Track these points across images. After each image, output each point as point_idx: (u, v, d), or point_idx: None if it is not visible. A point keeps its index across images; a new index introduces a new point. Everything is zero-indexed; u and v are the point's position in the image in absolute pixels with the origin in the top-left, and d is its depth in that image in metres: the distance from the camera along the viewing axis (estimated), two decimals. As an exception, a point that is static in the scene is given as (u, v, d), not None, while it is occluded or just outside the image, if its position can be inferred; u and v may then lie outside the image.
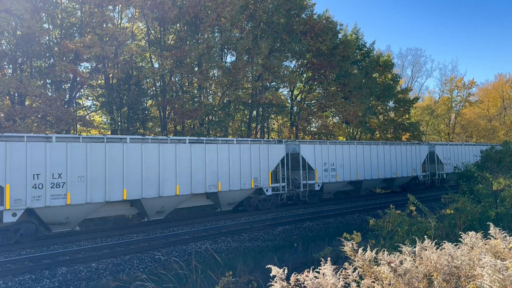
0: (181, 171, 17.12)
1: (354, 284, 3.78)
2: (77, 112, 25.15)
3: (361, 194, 27.07)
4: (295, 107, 33.60)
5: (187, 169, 17.33)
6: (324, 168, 23.24)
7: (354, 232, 6.76)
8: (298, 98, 34.78)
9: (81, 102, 27.55)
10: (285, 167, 21.58)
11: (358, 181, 25.59)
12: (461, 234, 4.99)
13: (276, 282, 3.69)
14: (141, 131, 27.19)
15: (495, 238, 4.71)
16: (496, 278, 3.42)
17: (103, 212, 15.95)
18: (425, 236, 5.41)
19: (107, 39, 22.16)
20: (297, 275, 3.79)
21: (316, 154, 22.86)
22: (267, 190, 20.56)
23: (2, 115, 19.14)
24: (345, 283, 3.72)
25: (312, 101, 34.92)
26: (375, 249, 4.26)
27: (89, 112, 27.73)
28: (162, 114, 26.22)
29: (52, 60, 21.89)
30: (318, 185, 23.04)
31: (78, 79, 22.00)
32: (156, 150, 16.47)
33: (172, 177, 16.84)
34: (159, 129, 27.34)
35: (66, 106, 21.56)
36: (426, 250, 4.38)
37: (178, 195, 17.07)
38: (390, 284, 3.86)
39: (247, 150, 19.73)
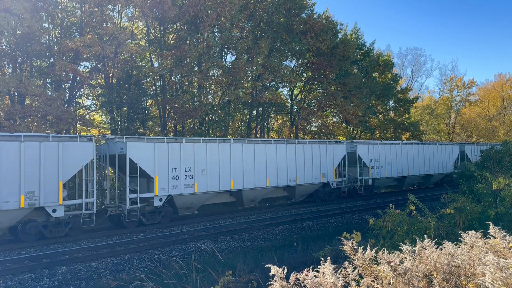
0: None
1: (353, 283, 3.78)
2: (77, 111, 25.12)
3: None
4: (295, 107, 33.60)
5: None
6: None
7: (354, 231, 6.76)
8: (298, 97, 34.78)
9: (81, 102, 27.53)
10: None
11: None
12: (461, 233, 4.99)
13: (275, 281, 3.69)
14: (141, 130, 27.18)
15: (495, 238, 4.71)
16: (499, 276, 3.42)
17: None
18: (425, 236, 5.40)
19: (107, 38, 22.14)
20: (296, 274, 3.79)
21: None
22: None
23: (1, 114, 19.12)
24: (345, 282, 3.72)
25: (312, 101, 34.91)
26: (375, 249, 4.26)
27: (89, 111, 27.70)
28: (162, 113, 26.22)
29: (52, 60, 21.88)
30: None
31: (78, 78, 21.99)
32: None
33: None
34: (159, 129, 27.33)
35: (66, 106, 21.54)
36: (426, 249, 4.38)
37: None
38: (390, 283, 3.86)
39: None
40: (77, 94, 24.90)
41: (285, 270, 3.77)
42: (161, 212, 17.25)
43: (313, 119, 34.47)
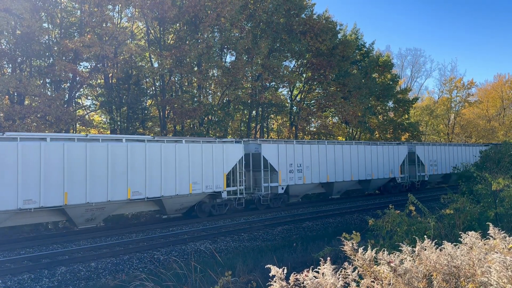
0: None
1: (353, 284, 3.78)
2: (77, 111, 25.13)
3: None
4: (295, 107, 33.61)
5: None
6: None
7: (354, 232, 6.75)
8: (298, 98, 34.79)
9: (80, 102, 27.54)
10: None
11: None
12: (460, 234, 4.99)
13: (275, 281, 3.68)
14: (141, 130, 27.19)
15: (494, 238, 4.71)
16: (505, 275, 3.42)
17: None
18: (425, 236, 5.40)
19: (107, 38, 22.14)
20: (296, 275, 3.79)
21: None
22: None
23: (1, 114, 19.11)
24: (345, 282, 3.72)
25: (312, 101, 34.92)
26: (375, 249, 4.26)
27: (88, 111, 27.70)
28: (161, 113, 26.22)
29: (51, 60, 21.87)
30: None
31: (77, 78, 21.99)
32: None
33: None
34: (159, 129, 27.34)
35: (65, 106, 21.54)
36: (425, 250, 4.37)
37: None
38: (389, 284, 3.86)
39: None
40: (76, 94, 24.90)
41: (285, 271, 3.76)
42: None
43: (313, 120, 34.51)
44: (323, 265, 3.79)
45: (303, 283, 3.70)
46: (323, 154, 23.46)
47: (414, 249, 4.43)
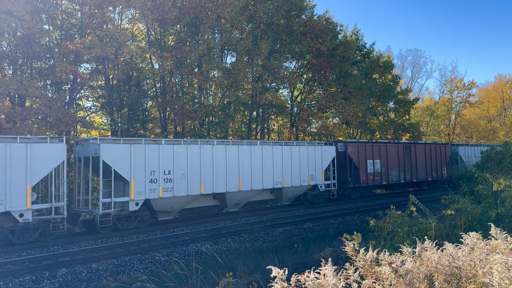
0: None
1: (355, 285, 3.78)
2: (77, 113, 25.13)
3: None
4: (295, 108, 33.60)
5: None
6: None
7: (355, 232, 6.74)
8: (298, 99, 34.78)
9: (81, 103, 27.53)
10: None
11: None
12: (461, 234, 4.98)
13: (276, 283, 3.68)
14: (141, 132, 27.17)
15: (496, 239, 4.70)
16: (507, 276, 3.41)
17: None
18: (426, 237, 5.40)
19: (107, 40, 22.15)
20: (297, 276, 3.79)
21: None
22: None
23: (2, 116, 19.12)
24: (346, 283, 3.72)
25: (312, 102, 34.90)
26: (376, 250, 4.25)
27: (89, 113, 27.70)
28: (162, 115, 26.22)
29: (52, 61, 21.88)
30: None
31: (78, 80, 21.99)
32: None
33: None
34: (159, 130, 27.33)
35: (66, 107, 21.55)
36: (426, 250, 4.37)
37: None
38: (391, 285, 3.86)
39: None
40: (77, 96, 24.91)
41: (286, 272, 3.76)
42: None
43: (313, 120, 34.48)
44: (324, 266, 3.79)
45: (304, 284, 3.70)
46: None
47: (415, 249, 4.43)
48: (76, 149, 17.09)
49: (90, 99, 28.17)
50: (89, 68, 25.53)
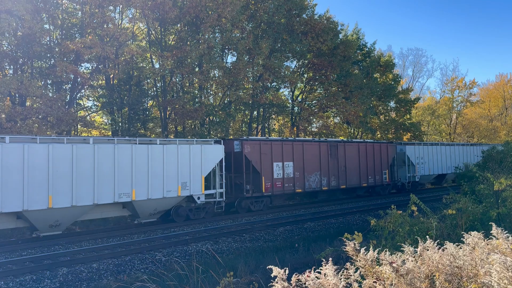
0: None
1: (355, 285, 3.76)
2: (78, 112, 25.15)
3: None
4: (296, 107, 33.59)
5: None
6: None
7: (355, 232, 6.73)
8: (299, 98, 34.77)
9: (81, 103, 27.55)
10: None
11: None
12: (463, 234, 4.97)
13: (277, 282, 3.67)
14: (142, 131, 27.18)
15: (497, 238, 4.68)
16: (505, 276, 3.40)
17: None
18: (427, 236, 5.38)
19: (108, 39, 22.16)
20: (298, 276, 3.78)
21: None
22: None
23: (3, 116, 19.14)
24: (347, 283, 3.71)
25: (313, 101, 34.89)
26: (377, 249, 4.24)
27: (90, 112, 27.73)
28: (163, 114, 26.22)
29: (52, 61, 21.90)
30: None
31: (78, 79, 22.00)
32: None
33: None
34: (160, 130, 27.34)
35: (67, 107, 21.56)
36: (428, 250, 4.35)
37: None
38: (392, 284, 3.84)
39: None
40: (78, 95, 24.93)
41: (287, 271, 3.75)
42: None
43: (314, 120, 34.47)
44: (325, 265, 3.78)
45: (305, 283, 3.69)
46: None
47: (416, 249, 4.41)
48: None
49: (90, 98, 28.20)
50: (90, 68, 25.56)
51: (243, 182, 19.88)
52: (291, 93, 35.28)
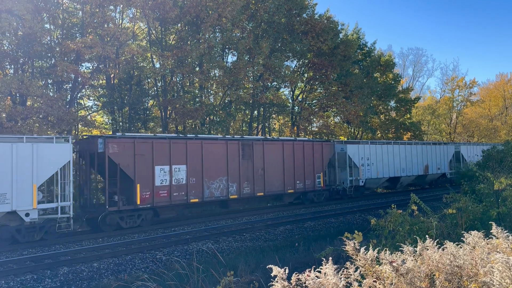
0: None
1: (355, 284, 3.77)
2: (79, 112, 25.16)
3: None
4: (296, 107, 33.59)
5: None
6: None
7: (356, 231, 6.74)
8: (299, 98, 34.76)
9: (82, 102, 27.55)
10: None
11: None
12: (463, 233, 4.98)
13: (277, 281, 3.68)
14: (142, 131, 27.20)
15: (497, 238, 4.69)
16: (507, 275, 3.41)
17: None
18: (427, 236, 5.39)
19: (108, 39, 22.17)
20: (298, 275, 3.79)
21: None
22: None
23: (3, 115, 19.15)
24: (347, 282, 3.72)
25: (313, 101, 34.88)
26: (377, 249, 4.25)
27: (90, 112, 27.74)
28: (163, 114, 26.23)
29: (53, 60, 21.90)
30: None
31: (79, 79, 22.01)
32: None
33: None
34: (160, 129, 27.35)
35: (67, 107, 21.58)
36: (428, 249, 4.36)
37: None
38: (392, 284, 3.85)
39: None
40: (78, 95, 24.93)
41: (287, 271, 3.76)
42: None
43: (314, 119, 34.45)
44: (325, 265, 3.79)
45: (305, 283, 3.70)
46: None
47: (416, 248, 4.42)
48: None
49: (91, 98, 28.21)
50: (90, 67, 25.57)
51: (106, 192, 15.65)
52: (291, 92, 35.28)
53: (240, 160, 19.57)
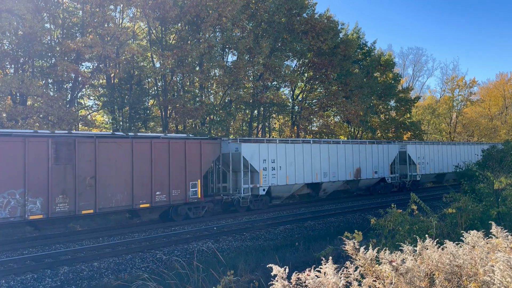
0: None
1: (355, 283, 3.78)
2: (79, 111, 25.18)
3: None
4: (296, 107, 33.60)
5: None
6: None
7: (356, 231, 6.74)
8: (299, 97, 34.77)
9: (82, 102, 27.57)
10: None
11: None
12: (462, 233, 4.98)
13: (277, 281, 3.69)
14: (143, 130, 27.21)
15: (497, 237, 4.70)
16: (508, 274, 3.42)
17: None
18: (426, 235, 5.40)
19: (109, 38, 22.17)
20: (298, 274, 3.79)
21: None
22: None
23: (4, 115, 19.17)
24: (347, 282, 3.73)
25: (313, 101, 34.90)
26: (377, 248, 4.26)
27: (90, 111, 27.76)
28: (163, 113, 26.25)
29: (53, 60, 21.91)
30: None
31: (79, 78, 22.02)
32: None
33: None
34: (161, 129, 27.37)
35: (67, 106, 21.59)
36: (427, 249, 4.37)
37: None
38: (391, 283, 3.86)
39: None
40: (78, 95, 24.95)
41: (287, 270, 3.77)
42: None
43: (314, 119, 34.46)
44: (325, 264, 3.80)
45: (305, 282, 3.71)
46: None
47: (416, 248, 4.43)
48: None
49: (91, 97, 28.23)
50: (91, 67, 25.58)
51: None
52: (291, 92, 35.29)
53: (51, 165, 13.97)
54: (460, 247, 4.46)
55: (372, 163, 26.09)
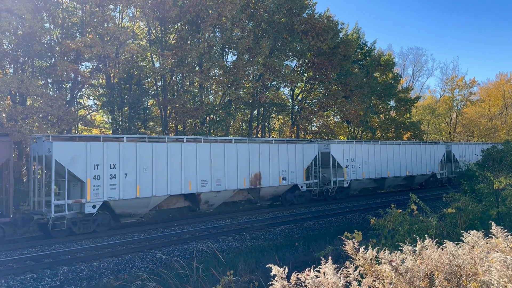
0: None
1: (355, 283, 3.77)
2: (79, 111, 25.16)
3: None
4: (296, 106, 33.60)
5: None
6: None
7: (355, 231, 6.74)
8: (299, 97, 34.77)
9: (82, 102, 27.56)
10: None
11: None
12: (462, 233, 4.98)
13: (276, 281, 3.68)
14: (142, 130, 27.21)
15: (497, 237, 4.69)
16: (505, 274, 3.41)
17: None
18: (426, 235, 5.39)
19: (108, 38, 22.16)
20: (298, 274, 3.79)
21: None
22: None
23: (3, 115, 19.15)
24: (346, 282, 3.72)
25: (313, 100, 34.90)
26: (376, 248, 4.25)
27: (90, 111, 27.74)
28: (163, 113, 26.24)
29: (53, 60, 21.90)
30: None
31: (79, 78, 22.01)
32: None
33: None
34: (160, 129, 27.37)
35: (67, 106, 21.57)
36: (427, 249, 4.37)
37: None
38: (391, 283, 3.86)
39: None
40: (78, 94, 24.93)
41: (286, 270, 3.76)
42: None
43: (314, 119, 34.48)
44: (325, 264, 3.79)
45: (304, 282, 3.70)
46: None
47: (415, 248, 4.42)
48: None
49: (91, 97, 28.23)
50: (90, 67, 25.57)
51: None
52: (291, 92, 35.29)
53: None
54: (460, 247, 4.45)
55: (279, 167, 21.41)
